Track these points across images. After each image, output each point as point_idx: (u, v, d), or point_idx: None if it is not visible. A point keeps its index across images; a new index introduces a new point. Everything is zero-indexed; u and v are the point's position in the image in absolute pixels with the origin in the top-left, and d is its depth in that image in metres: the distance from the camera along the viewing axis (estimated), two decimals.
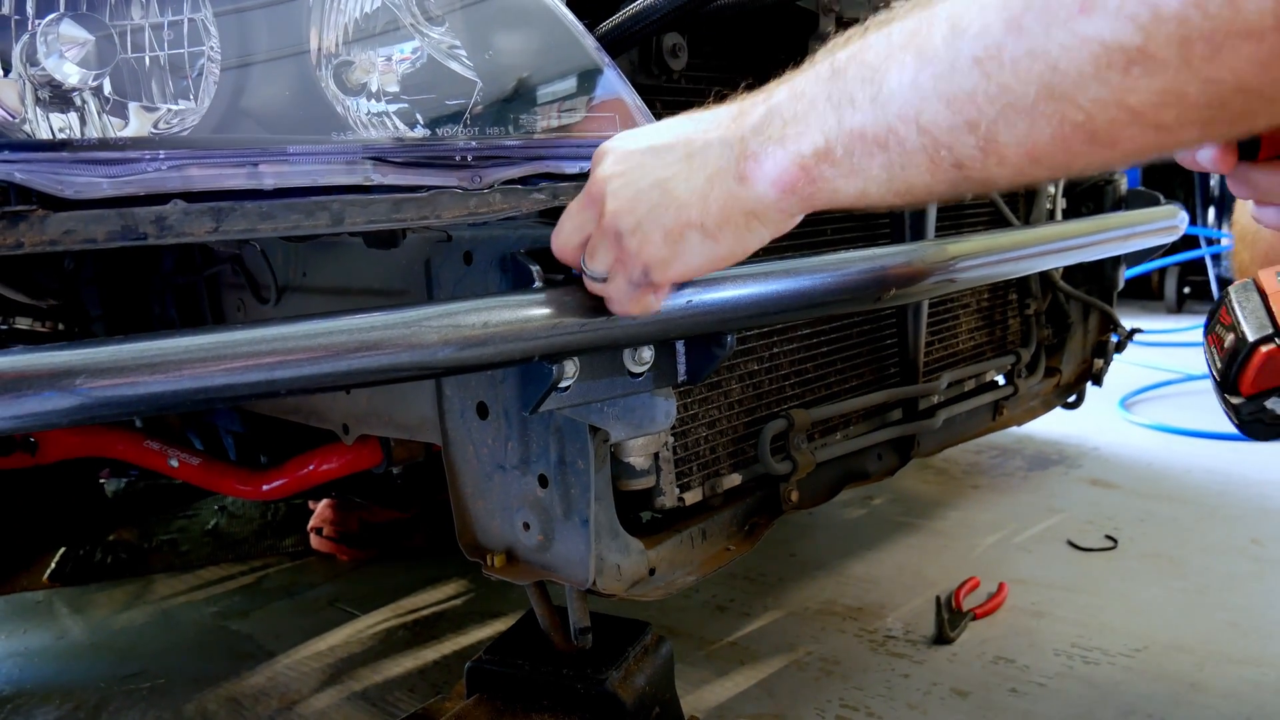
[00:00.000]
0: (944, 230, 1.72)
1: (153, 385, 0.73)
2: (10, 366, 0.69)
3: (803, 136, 0.68)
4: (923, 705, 1.57)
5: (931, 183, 0.63)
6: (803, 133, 0.68)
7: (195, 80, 0.87)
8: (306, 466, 1.55)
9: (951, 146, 0.59)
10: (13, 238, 0.75)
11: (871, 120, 0.63)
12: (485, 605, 2.03)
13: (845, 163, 0.66)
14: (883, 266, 1.06)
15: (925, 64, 0.59)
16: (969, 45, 0.56)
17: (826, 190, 0.69)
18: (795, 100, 0.69)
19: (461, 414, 1.17)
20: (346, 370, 0.78)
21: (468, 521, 1.21)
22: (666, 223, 0.76)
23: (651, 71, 1.23)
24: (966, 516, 2.41)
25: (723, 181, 0.74)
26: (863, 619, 1.88)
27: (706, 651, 1.78)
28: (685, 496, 1.30)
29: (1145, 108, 0.51)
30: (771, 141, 0.70)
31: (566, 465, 1.09)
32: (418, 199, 0.91)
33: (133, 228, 0.80)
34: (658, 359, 0.99)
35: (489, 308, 0.82)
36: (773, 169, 0.70)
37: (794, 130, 0.69)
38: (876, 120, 0.63)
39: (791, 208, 0.73)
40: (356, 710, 1.66)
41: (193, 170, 0.84)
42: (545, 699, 1.11)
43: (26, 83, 0.80)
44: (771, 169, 0.70)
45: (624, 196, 0.77)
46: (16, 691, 1.79)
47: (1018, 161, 0.58)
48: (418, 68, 0.97)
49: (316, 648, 1.89)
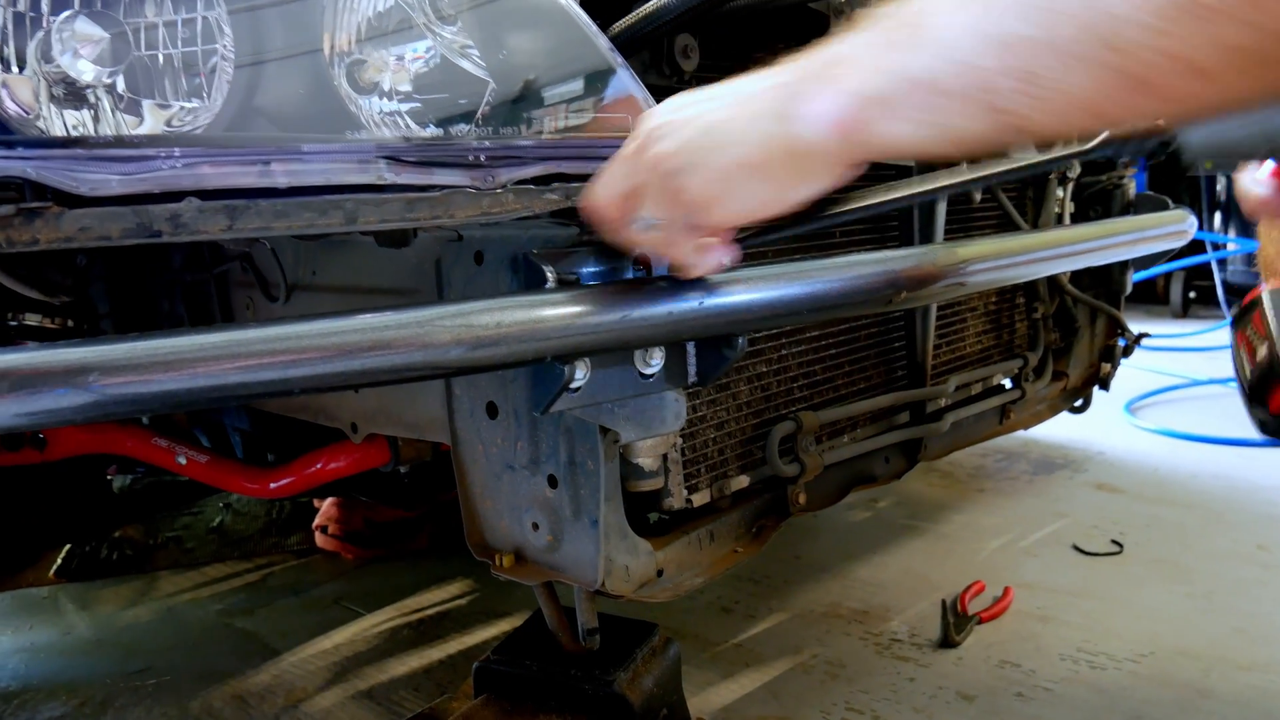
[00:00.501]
0: (953, 234, 1.72)
1: (166, 383, 0.73)
2: (25, 363, 0.69)
3: (855, 77, 0.67)
4: (928, 709, 1.57)
5: (983, 130, 0.62)
6: (855, 74, 0.67)
7: (208, 78, 0.87)
8: (314, 465, 1.55)
9: (1005, 92, 0.59)
10: (29, 234, 0.76)
11: (926, 64, 0.63)
12: (490, 605, 2.03)
13: (898, 106, 0.65)
14: (894, 269, 1.06)
15: (981, 9, 0.59)
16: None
17: (879, 135, 0.67)
18: (848, 46, 0.69)
19: (471, 413, 1.17)
20: (359, 369, 0.78)
21: (476, 521, 1.21)
22: (718, 162, 0.75)
23: (663, 72, 1.23)
24: (972, 520, 2.41)
25: (774, 122, 0.72)
26: (868, 622, 1.88)
27: (711, 653, 1.78)
28: (693, 498, 1.30)
29: (1196, 56, 0.51)
30: (824, 82, 0.69)
31: (576, 466, 1.09)
32: (431, 198, 0.91)
33: (148, 225, 0.80)
34: (668, 360, 0.99)
35: (502, 308, 0.82)
36: (825, 109, 0.69)
37: (847, 71, 0.68)
38: (931, 65, 0.62)
39: (844, 154, 0.71)
40: (361, 709, 1.66)
41: (206, 168, 0.84)
42: (553, 699, 1.11)
43: (41, 79, 0.80)
44: (823, 109, 0.69)
45: (675, 139, 0.77)
46: (23, 687, 1.80)
47: (1070, 109, 0.58)
48: (431, 67, 0.97)
49: (322, 646, 1.90)
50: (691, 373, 1.01)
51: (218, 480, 1.67)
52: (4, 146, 0.76)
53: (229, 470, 1.66)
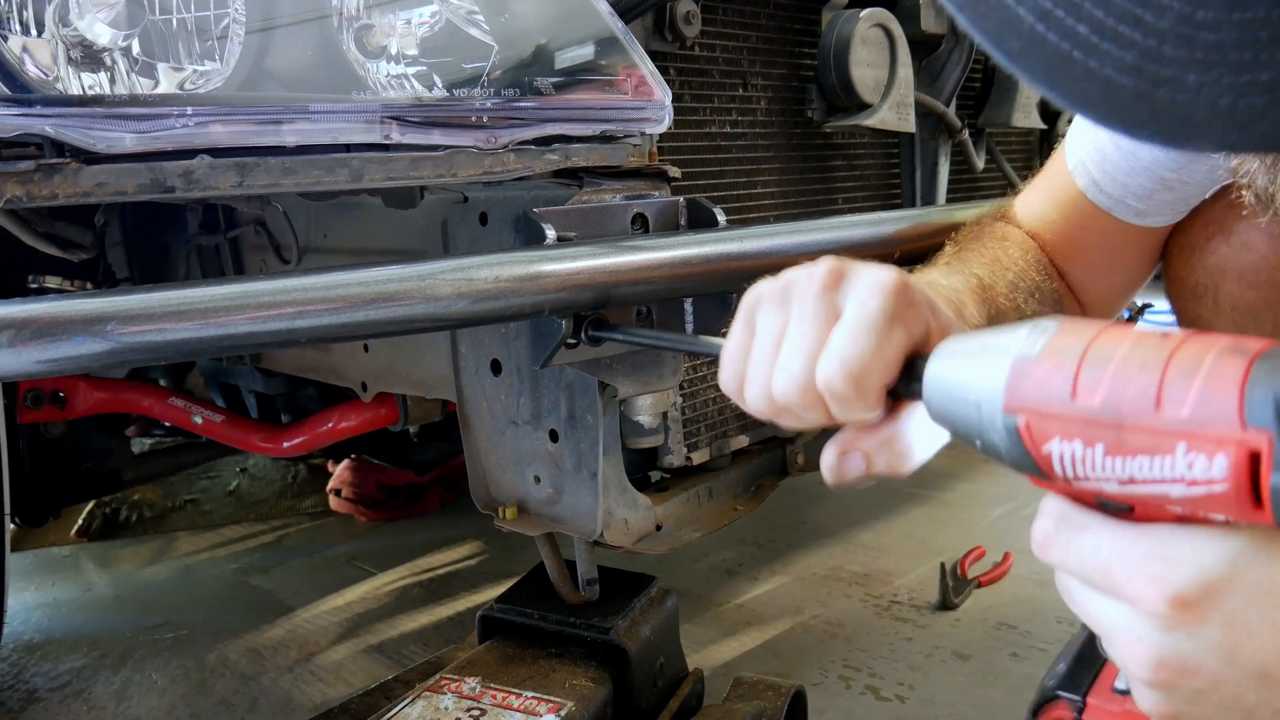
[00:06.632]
0: (955, 199, 1.74)
1: (180, 331, 0.76)
2: (45, 313, 0.73)
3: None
4: (924, 667, 1.60)
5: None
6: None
7: (220, 41, 0.90)
8: (326, 423, 1.59)
9: None
10: (48, 189, 0.79)
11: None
12: (498, 565, 2.08)
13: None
14: (889, 228, 1.09)
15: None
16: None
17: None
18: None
19: (476, 371, 1.20)
20: (364, 321, 0.81)
21: (481, 476, 1.24)
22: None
23: (665, 38, 1.25)
24: (975, 489, 2.44)
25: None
26: (869, 585, 1.91)
27: (714, 612, 1.82)
28: (693, 456, 1.33)
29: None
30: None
31: (576, 420, 1.12)
32: (435, 158, 0.94)
33: (161, 181, 0.83)
34: (666, 316, 1.02)
35: (501, 263, 0.85)
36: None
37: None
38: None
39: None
40: (372, 662, 1.71)
41: (217, 127, 0.87)
42: (553, 646, 1.15)
43: (59, 42, 0.84)
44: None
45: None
46: (46, 640, 1.85)
47: None
48: (436, 31, 1.00)
49: (334, 603, 1.95)
50: (689, 328, 1.04)
51: (233, 439, 1.71)
52: (24, 105, 0.79)
53: (244, 429, 1.70)
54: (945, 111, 1.64)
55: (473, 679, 1.08)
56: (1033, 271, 1.00)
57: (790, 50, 1.48)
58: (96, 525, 2.38)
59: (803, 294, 0.64)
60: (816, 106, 1.49)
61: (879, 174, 1.68)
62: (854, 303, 0.62)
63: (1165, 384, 0.46)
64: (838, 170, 1.59)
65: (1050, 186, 1.06)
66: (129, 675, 1.70)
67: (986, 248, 1.00)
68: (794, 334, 0.64)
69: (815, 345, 0.62)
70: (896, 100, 1.45)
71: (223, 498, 2.57)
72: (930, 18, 1.55)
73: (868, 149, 1.65)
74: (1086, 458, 0.49)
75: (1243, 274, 0.99)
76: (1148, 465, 0.47)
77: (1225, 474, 0.45)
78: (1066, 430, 0.49)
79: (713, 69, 1.36)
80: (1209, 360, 0.46)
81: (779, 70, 1.46)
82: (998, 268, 0.96)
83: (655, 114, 1.06)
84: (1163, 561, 0.48)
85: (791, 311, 0.64)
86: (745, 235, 0.98)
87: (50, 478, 1.81)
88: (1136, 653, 0.50)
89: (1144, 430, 0.47)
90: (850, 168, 1.62)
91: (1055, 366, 0.50)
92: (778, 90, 1.47)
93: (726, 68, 1.38)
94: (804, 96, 1.50)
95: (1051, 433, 0.50)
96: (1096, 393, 0.48)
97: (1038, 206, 1.08)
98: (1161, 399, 0.46)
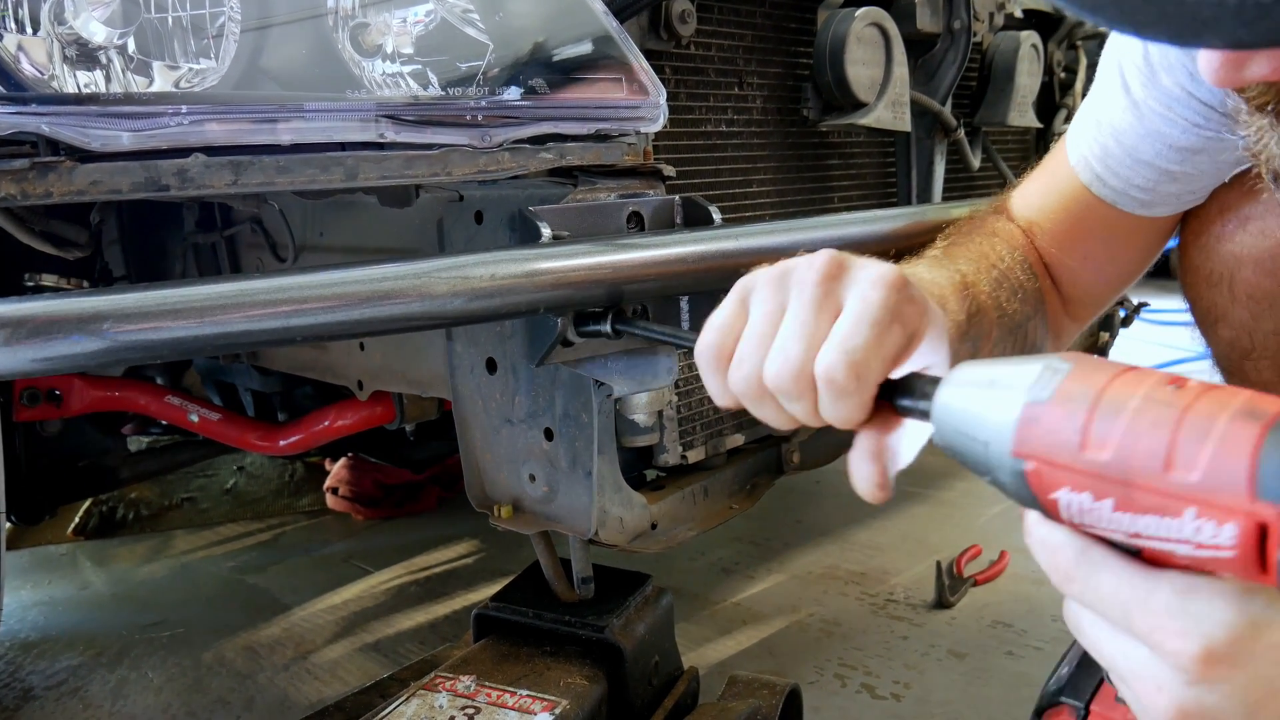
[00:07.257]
0: (951, 198, 1.74)
1: (176, 330, 0.76)
2: (41, 311, 0.73)
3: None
4: (919, 665, 1.61)
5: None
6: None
7: (216, 40, 0.90)
8: (323, 422, 1.59)
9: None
10: (43, 187, 0.79)
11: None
12: (494, 564, 2.08)
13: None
14: (885, 227, 1.09)
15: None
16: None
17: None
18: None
19: (471, 369, 1.20)
20: (360, 319, 0.82)
21: (476, 474, 1.25)
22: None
23: (660, 37, 1.25)
24: (973, 488, 2.44)
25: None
26: (865, 583, 1.92)
27: (710, 611, 1.82)
28: (688, 455, 1.34)
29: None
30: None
31: (571, 419, 1.13)
32: (429, 156, 0.94)
33: (156, 179, 0.83)
34: (662, 314, 1.02)
35: (496, 261, 0.85)
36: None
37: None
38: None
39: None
40: (368, 660, 1.71)
41: (212, 125, 0.87)
42: (548, 645, 1.15)
43: (54, 40, 0.84)
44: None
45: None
46: (42, 638, 1.85)
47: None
48: (431, 30, 1.00)
49: (331, 601, 1.95)
50: (685, 326, 1.04)
51: (229, 437, 1.71)
52: (19, 104, 0.79)
53: (240, 427, 1.70)
54: (941, 110, 1.64)
55: (468, 677, 1.08)
56: (1018, 269, 1.00)
57: (786, 49, 1.48)
58: (93, 523, 2.38)
59: (803, 281, 0.63)
60: (812, 105, 1.49)
61: (875, 172, 1.69)
62: (856, 295, 0.61)
63: (1176, 445, 0.46)
64: (833, 169, 1.60)
65: (1051, 179, 1.06)
66: (125, 673, 1.70)
67: (975, 243, 1.00)
68: (793, 319, 0.63)
69: (815, 333, 0.61)
70: (892, 99, 1.45)
71: (219, 496, 2.57)
72: (926, 16, 1.55)
73: (863, 148, 1.66)
74: (1094, 510, 0.49)
75: (1259, 261, 0.99)
76: (1155, 524, 0.47)
77: (1233, 542, 0.45)
78: (1075, 482, 0.49)
79: (708, 68, 1.37)
80: (1222, 423, 0.45)
81: (774, 69, 1.47)
82: (984, 264, 0.96)
83: (650, 113, 1.06)
84: (1187, 616, 0.48)
85: (790, 297, 0.64)
86: (741, 234, 0.99)
87: (46, 476, 1.81)
88: (1157, 701, 0.50)
89: (1153, 491, 0.46)
90: (846, 166, 1.62)
91: (1066, 415, 0.50)
92: (773, 89, 1.47)
93: (722, 66, 1.38)
94: (799, 95, 1.50)
95: (1060, 482, 0.50)
96: (1106, 447, 0.48)
97: (1037, 197, 1.08)
98: (1172, 460, 0.46)
